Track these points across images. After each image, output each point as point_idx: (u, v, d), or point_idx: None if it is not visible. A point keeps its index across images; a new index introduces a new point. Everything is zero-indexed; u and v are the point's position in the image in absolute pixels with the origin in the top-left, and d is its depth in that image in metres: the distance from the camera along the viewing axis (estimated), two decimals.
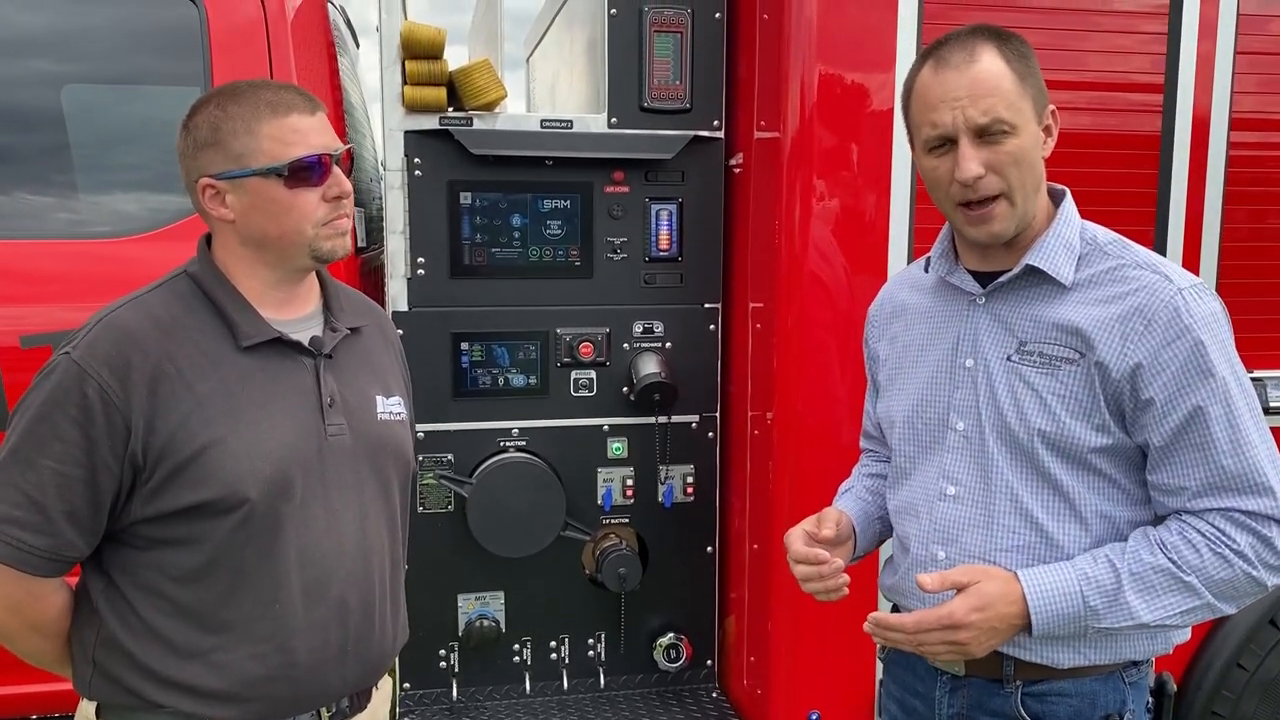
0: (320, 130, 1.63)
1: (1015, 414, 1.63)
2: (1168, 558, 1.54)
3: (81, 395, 1.50)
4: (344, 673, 1.68)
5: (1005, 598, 1.55)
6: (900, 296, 1.89)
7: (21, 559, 1.52)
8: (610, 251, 2.83)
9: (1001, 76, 1.59)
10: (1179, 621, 1.56)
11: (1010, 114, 1.58)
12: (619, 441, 2.89)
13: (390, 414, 1.77)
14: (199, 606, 1.58)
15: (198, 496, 1.54)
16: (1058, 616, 1.55)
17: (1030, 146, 1.60)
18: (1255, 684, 2.83)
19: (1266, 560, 1.53)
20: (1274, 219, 2.78)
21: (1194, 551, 1.53)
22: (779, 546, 2.69)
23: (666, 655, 2.97)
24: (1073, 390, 1.60)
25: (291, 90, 1.64)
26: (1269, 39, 2.69)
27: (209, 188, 1.61)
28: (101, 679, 1.60)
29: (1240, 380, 1.57)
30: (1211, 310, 1.57)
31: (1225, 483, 1.54)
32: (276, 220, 1.61)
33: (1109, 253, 1.64)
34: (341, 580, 1.66)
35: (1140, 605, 1.54)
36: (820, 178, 2.56)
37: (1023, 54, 1.62)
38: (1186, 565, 1.53)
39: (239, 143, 1.58)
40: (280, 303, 1.68)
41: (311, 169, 1.60)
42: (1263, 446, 1.56)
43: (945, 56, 1.62)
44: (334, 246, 1.65)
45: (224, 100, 1.61)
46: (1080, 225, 1.67)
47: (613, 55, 2.77)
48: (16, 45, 2.69)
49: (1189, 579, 1.53)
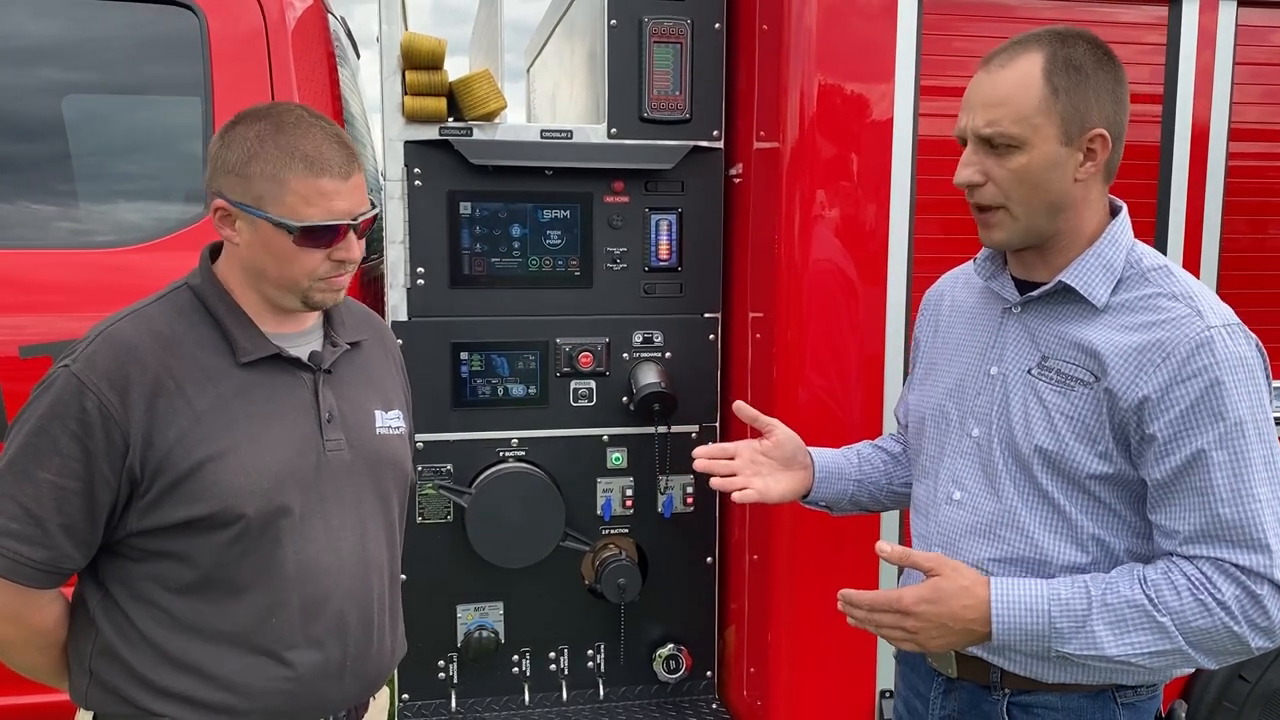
0: (348, 195, 1.60)
1: (1023, 427, 1.62)
2: (1145, 594, 1.49)
3: (80, 409, 1.50)
4: (342, 687, 1.68)
5: (963, 597, 1.53)
6: (954, 289, 1.88)
7: (18, 571, 1.52)
8: (610, 261, 2.84)
9: (1024, 88, 1.53)
10: (1147, 662, 1.50)
11: (1019, 129, 1.53)
12: (618, 452, 2.88)
13: (389, 428, 1.77)
14: (195, 618, 1.58)
15: (193, 511, 1.54)
16: (1019, 630, 1.52)
17: (1041, 167, 1.54)
18: (1257, 696, 2.82)
19: (1252, 618, 1.47)
20: (1274, 229, 2.79)
21: (1175, 594, 1.48)
22: (779, 557, 2.71)
23: (666, 666, 2.96)
24: (1081, 413, 1.56)
25: (335, 147, 1.59)
26: (1268, 49, 2.70)
27: (221, 208, 1.60)
28: (98, 689, 1.60)
29: (1261, 430, 1.49)
30: (1240, 354, 1.50)
31: (1220, 532, 1.48)
32: (277, 266, 1.60)
33: (1150, 279, 1.57)
34: (341, 596, 1.66)
35: (1107, 637, 1.49)
36: (820, 188, 2.57)
37: (1077, 66, 1.54)
38: (1164, 606, 1.48)
39: (263, 185, 1.56)
40: (280, 318, 1.68)
41: (323, 234, 1.58)
42: (1270, 503, 1.48)
43: (991, 57, 1.60)
44: (324, 299, 1.66)
45: (266, 132, 1.57)
46: (1130, 246, 1.61)
47: (613, 66, 2.77)
48: (18, 55, 2.69)
49: (1163, 619, 1.47)
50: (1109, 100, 1.56)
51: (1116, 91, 1.57)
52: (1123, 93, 1.59)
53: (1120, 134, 1.59)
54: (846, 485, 1.97)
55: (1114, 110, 1.57)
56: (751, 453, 1.93)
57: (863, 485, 1.99)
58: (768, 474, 1.92)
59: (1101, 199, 1.63)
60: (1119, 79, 1.58)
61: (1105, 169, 1.60)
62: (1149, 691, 1.66)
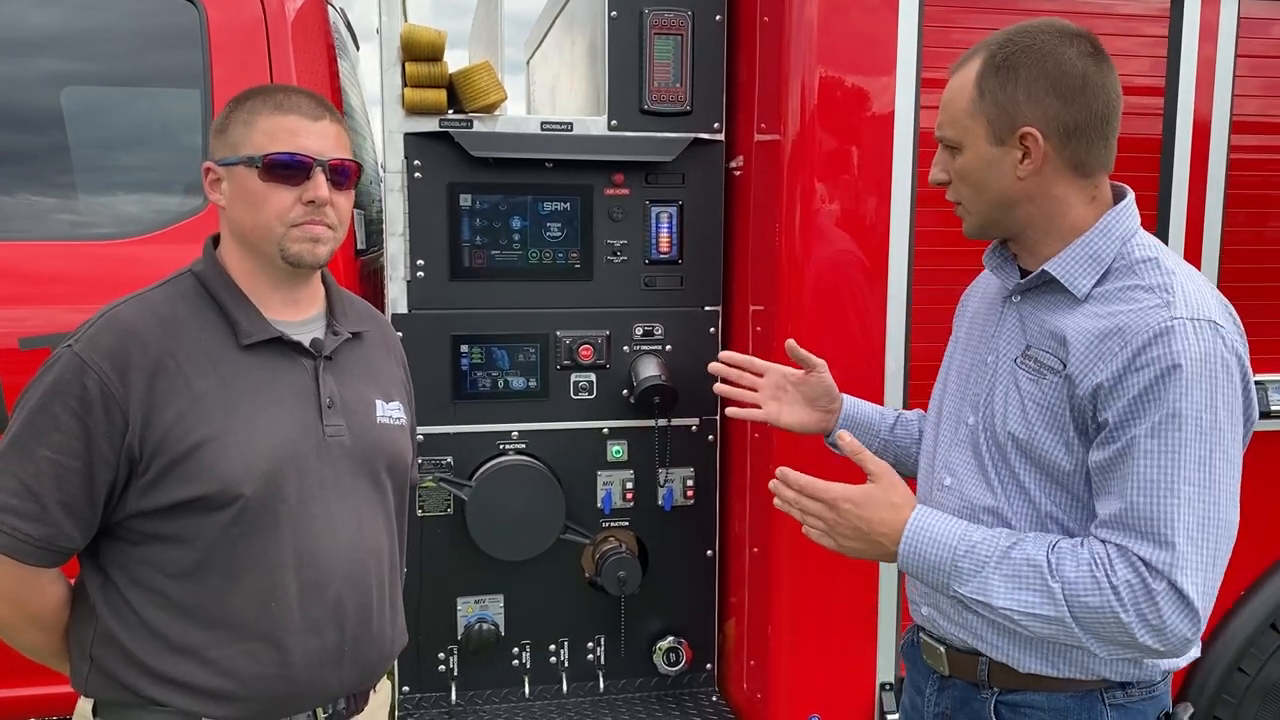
0: (317, 136, 1.63)
1: (1001, 415, 1.64)
2: (1047, 557, 1.49)
3: (81, 387, 1.52)
4: (341, 674, 1.68)
5: (885, 510, 1.58)
6: (986, 280, 1.87)
7: (17, 548, 1.54)
8: (610, 254, 2.83)
9: (959, 93, 1.61)
10: (1032, 625, 1.49)
11: (954, 131, 1.61)
12: (619, 444, 2.88)
13: (389, 418, 1.78)
14: (194, 602, 1.58)
15: (191, 491, 1.55)
16: (922, 558, 1.55)
17: (976, 166, 1.60)
18: (1256, 688, 2.83)
19: (1142, 611, 1.43)
20: (1275, 222, 2.78)
21: (1075, 565, 1.47)
22: (779, 550, 2.71)
23: (666, 659, 2.96)
24: (1050, 400, 1.56)
25: (306, 96, 1.67)
26: (1270, 42, 2.69)
27: (210, 171, 1.67)
28: (98, 675, 1.61)
29: (1204, 428, 1.44)
30: (1204, 350, 1.44)
31: (1131, 521, 1.45)
32: (250, 212, 1.63)
33: (1135, 271, 1.54)
34: (339, 581, 1.66)
35: (999, 587, 1.50)
36: (821, 180, 2.56)
37: (1009, 68, 1.55)
38: (1059, 573, 1.47)
39: (237, 132, 1.64)
40: (283, 304, 1.69)
41: (288, 167, 1.61)
42: (1192, 503, 1.43)
43: (955, 63, 1.66)
44: (301, 251, 1.64)
45: (248, 96, 1.67)
46: (1126, 237, 1.58)
47: (613, 58, 2.76)
48: (17, 47, 2.69)
49: (1053, 585, 1.47)
50: (1047, 97, 1.53)
51: (1062, 87, 1.53)
52: (1077, 87, 1.54)
53: (1079, 128, 1.55)
54: (871, 440, 2.01)
55: (1057, 107, 1.53)
56: (780, 378, 2.06)
57: (889, 446, 2.01)
58: (787, 403, 2.05)
59: (1078, 191, 1.59)
60: (1069, 73, 1.53)
61: (1067, 164, 1.56)
62: (1141, 692, 1.63)
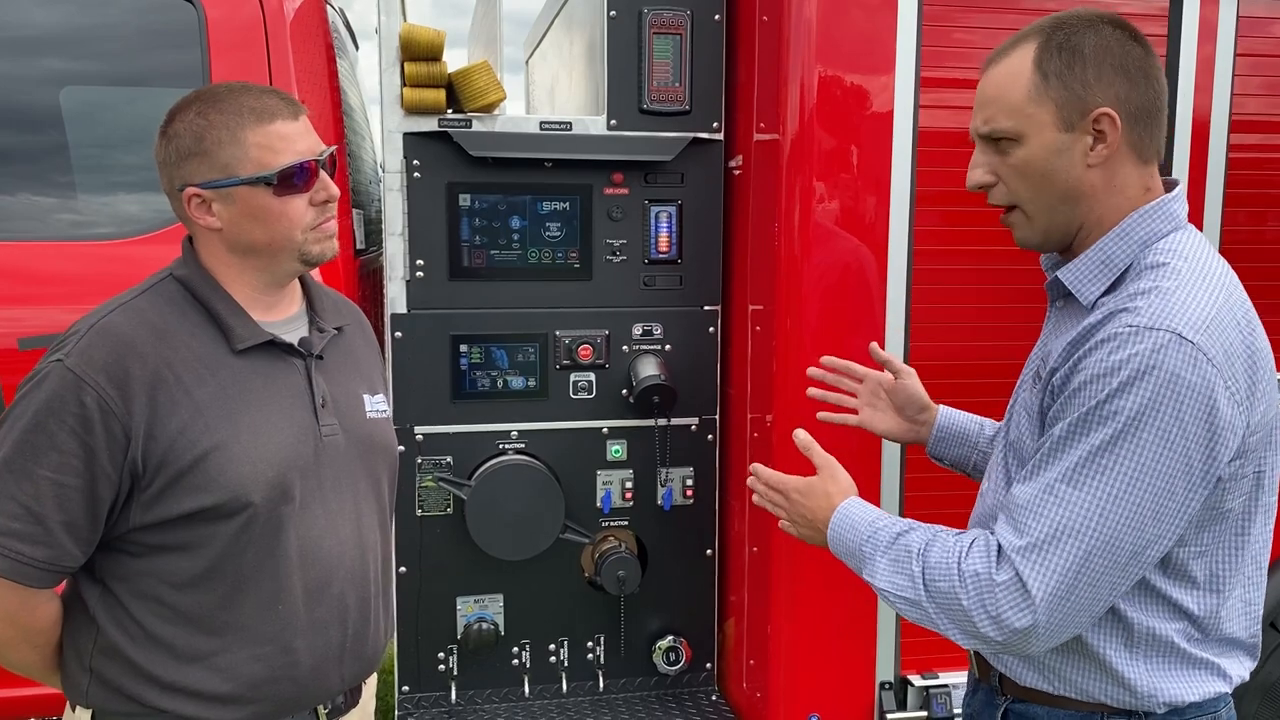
0: (305, 134, 1.62)
1: (1010, 424, 1.66)
2: (924, 543, 1.52)
3: (79, 404, 1.49)
4: (342, 670, 1.69)
5: (821, 499, 1.69)
6: None
7: (20, 571, 1.51)
8: (609, 254, 2.83)
9: (1014, 80, 1.49)
10: (902, 606, 1.53)
11: (1013, 122, 1.49)
12: (618, 444, 2.88)
13: (377, 412, 1.80)
14: (199, 611, 1.57)
15: (200, 502, 1.53)
16: (841, 543, 1.64)
17: (1042, 156, 1.49)
18: (1256, 687, 2.83)
19: (983, 597, 1.41)
20: (1274, 221, 2.78)
21: (943, 551, 1.49)
22: (779, 549, 2.71)
23: (666, 658, 2.96)
24: (1033, 407, 1.55)
25: (273, 95, 1.62)
26: (1270, 41, 2.69)
27: (195, 197, 1.60)
28: (99, 686, 1.59)
29: (1120, 439, 1.35)
30: (1159, 362, 1.34)
31: (1010, 505, 1.44)
32: (265, 228, 1.60)
33: (1142, 277, 1.46)
34: (341, 579, 1.67)
35: (883, 568, 1.55)
36: (820, 180, 2.56)
37: (1071, 48, 1.47)
38: (924, 557, 1.50)
39: (225, 152, 1.57)
40: (268, 305, 1.68)
41: (299, 176, 1.59)
42: (1070, 504, 1.37)
43: (990, 56, 1.56)
44: (323, 249, 1.66)
45: (205, 107, 1.58)
46: (1148, 240, 1.49)
47: (612, 57, 2.76)
48: (16, 46, 2.69)
49: (915, 568, 1.50)
50: (1116, 77, 1.47)
51: (1129, 67, 1.47)
52: (1140, 68, 1.48)
53: (1145, 111, 1.49)
54: (969, 452, 2.01)
55: (1127, 87, 1.47)
56: (875, 384, 2.08)
57: (986, 457, 1.92)
58: (880, 409, 2.08)
59: (1137, 182, 1.52)
60: (1131, 54, 1.48)
61: (1132, 150, 1.50)
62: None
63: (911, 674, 2.73)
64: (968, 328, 2.64)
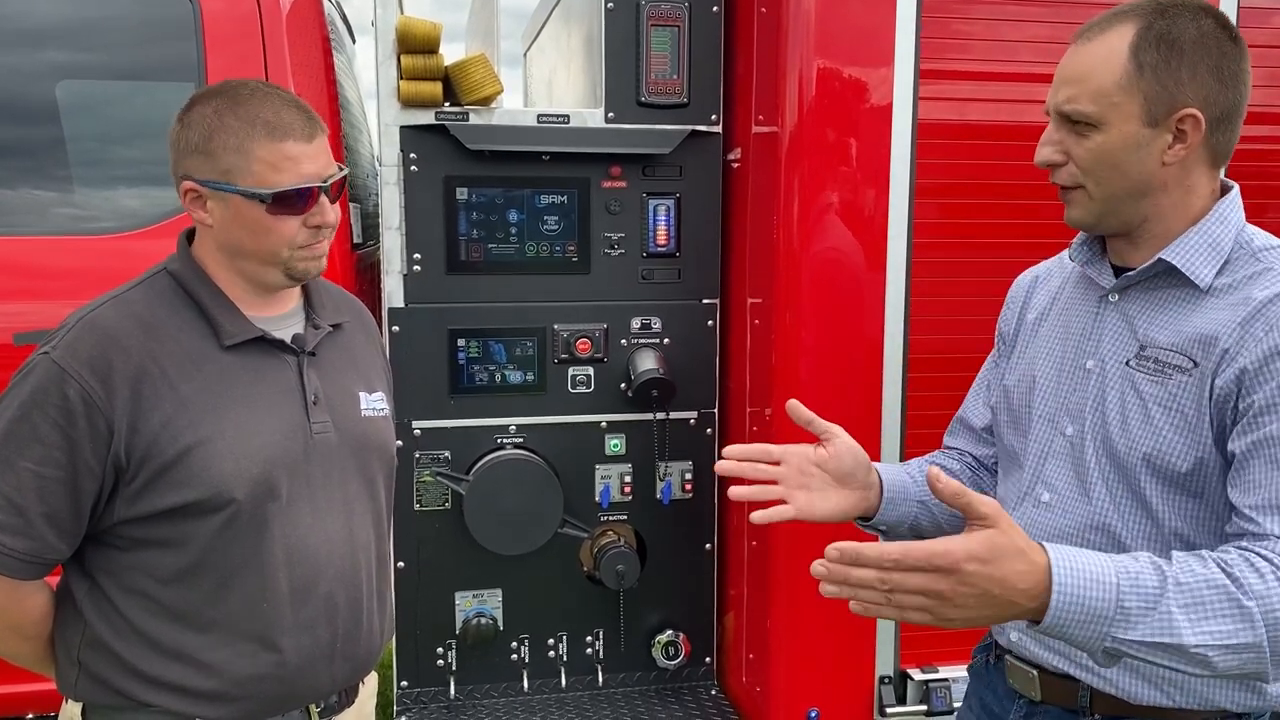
0: (314, 157, 1.60)
1: (1120, 426, 1.48)
2: (1226, 574, 1.25)
3: (62, 396, 1.49)
4: (333, 670, 1.68)
5: (1019, 560, 1.20)
6: (1047, 278, 1.75)
7: (2, 562, 1.51)
8: (608, 247, 2.82)
9: (1106, 64, 1.42)
10: (1221, 659, 1.24)
11: (1096, 108, 1.43)
12: (617, 438, 2.88)
13: (373, 410, 1.77)
14: (185, 606, 1.57)
15: (183, 497, 1.53)
16: (1081, 607, 1.21)
17: (1120, 148, 1.43)
18: None
19: None
20: (1275, 213, 2.77)
21: (1258, 575, 1.25)
22: (778, 543, 2.70)
23: (665, 653, 2.96)
24: (1180, 402, 1.43)
25: (294, 110, 1.59)
26: (1269, 32, 2.68)
27: (191, 191, 1.60)
28: (87, 680, 1.59)
29: None
30: None
31: (1271, 501, 1.32)
32: (254, 238, 1.59)
33: (1261, 259, 1.44)
34: (330, 578, 1.66)
35: (1184, 621, 1.22)
36: (819, 172, 2.55)
37: (1171, 41, 1.41)
38: (1248, 588, 1.24)
39: (228, 158, 1.56)
40: (262, 301, 1.67)
41: (297, 199, 1.58)
42: None
43: (1083, 28, 1.48)
44: (308, 268, 1.65)
45: (224, 107, 1.57)
46: (1240, 227, 1.48)
47: (610, 50, 2.75)
48: (12, 40, 2.68)
49: (1248, 604, 1.23)
50: (1209, 78, 1.43)
51: (1224, 69, 1.43)
52: (1234, 70, 1.45)
53: (1227, 115, 1.47)
54: (910, 508, 1.70)
55: (1217, 90, 1.43)
56: (802, 461, 1.62)
57: (925, 506, 1.71)
58: (816, 489, 1.63)
59: (1208, 183, 1.50)
60: (1228, 55, 1.44)
61: (1209, 152, 1.48)
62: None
63: (911, 668, 2.73)
64: (967, 320, 2.63)
